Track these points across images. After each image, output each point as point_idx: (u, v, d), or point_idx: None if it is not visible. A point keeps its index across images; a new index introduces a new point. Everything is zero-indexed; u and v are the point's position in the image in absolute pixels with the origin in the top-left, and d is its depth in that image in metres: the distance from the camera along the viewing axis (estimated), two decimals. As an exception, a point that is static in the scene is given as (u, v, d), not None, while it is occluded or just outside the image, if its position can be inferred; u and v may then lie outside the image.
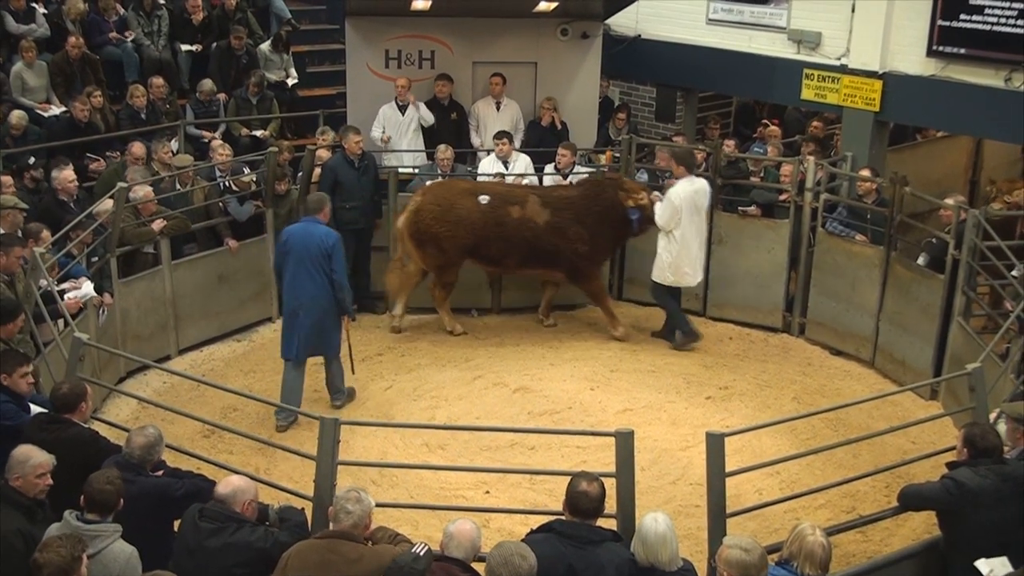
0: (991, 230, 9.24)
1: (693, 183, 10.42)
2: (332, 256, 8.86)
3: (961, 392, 8.10)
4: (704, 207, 10.56)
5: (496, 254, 10.73)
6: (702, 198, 10.48)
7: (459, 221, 10.53)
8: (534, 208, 10.59)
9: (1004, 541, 5.68)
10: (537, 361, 10.44)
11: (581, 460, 8.35)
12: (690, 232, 10.41)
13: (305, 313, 8.92)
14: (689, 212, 10.35)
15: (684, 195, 10.32)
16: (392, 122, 11.88)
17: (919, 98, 11.09)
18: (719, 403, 9.70)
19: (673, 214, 10.35)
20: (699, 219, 10.50)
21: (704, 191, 10.51)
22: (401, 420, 9.11)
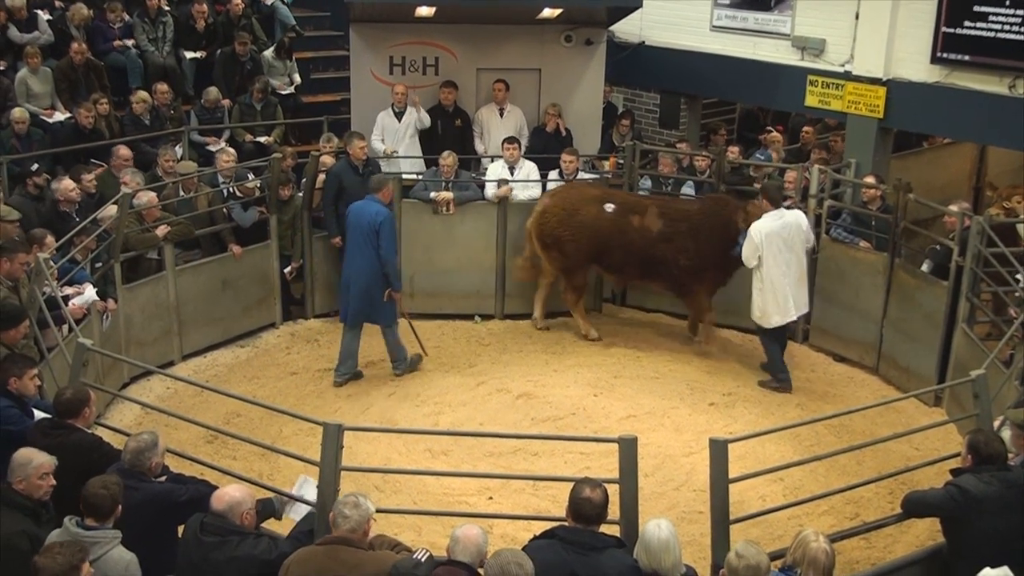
0: (995, 237, 9.23)
1: (781, 217, 9.80)
2: (380, 232, 9.60)
3: (965, 399, 8.09)
4: (797, 242, 9.84)
5: (617, 262, 10.82)
6: (793, 233, 9.80)
7: (582, 226, 10.67)
8: (651, 218, 10.59)
9: (1008, 548, 5.65)
10: (540, 367, 10.44)
11: (584, 466, 8.34)
12: (776, 271, 9.78)
13: (354, 283, 9.79)
14: (776, 249, 9.74)
15: (766, 231, 9.72)
16: (389, 129, 11.88)
17: (923, 105, 11.08)
18: (722, 409, 9.69)
19: (753, 251, 9.79)
20: (789, 255, 9.81)
21: (795, 225, 9.83)
22: (404, 426, 9.08)
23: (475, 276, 11.42)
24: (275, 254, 11.05)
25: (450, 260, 11.40)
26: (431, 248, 11.38)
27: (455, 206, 11.28)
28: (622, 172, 11.78)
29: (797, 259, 9.89)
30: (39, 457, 5.54)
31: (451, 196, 11.25)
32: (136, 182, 10.16)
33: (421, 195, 11.33)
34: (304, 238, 11.15)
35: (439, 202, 11.25)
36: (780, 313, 9.90)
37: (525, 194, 11.45)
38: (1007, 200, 10.83)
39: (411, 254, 11.31)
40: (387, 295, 9.81)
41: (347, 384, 10.00)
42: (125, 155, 10.76)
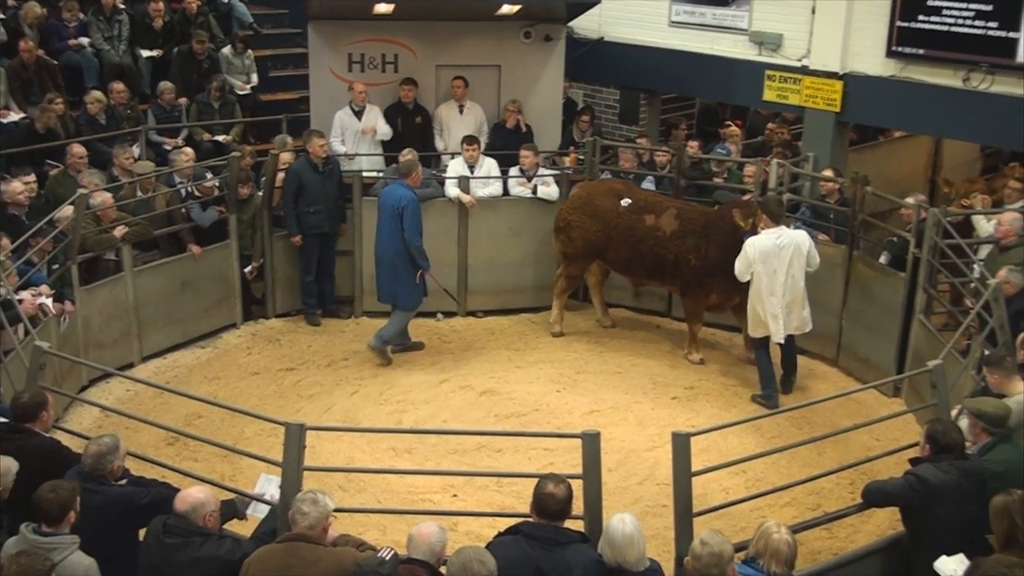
0: (951, 229, 9.35)
1: (780, 236, 9.46)
2: (403, 216, 9.96)
3: (923, 389, 8.17)
4: (796, 264, 9.47)
5: (623, 259, 10.73)
6: (792, 254, 9.44)
7: (593, 215, 10.67)
8: (668, 219, 10.44)
9: (966, 537, 5.73)
10: (503, 364, 10.45)
11: (548, 462, 8.36)
12: (766, 290, 9.47)
13: (380, 263, 10.30)
14: (770, 268, 9.42)
15: (760, 248, 9.44)
16: (350, 128, 11.82)
17: (879, 98, 11.19)
18: (685, 403, 9.75)
19: (745, 266, 9.53)
20: (785, 278, 9.44)
21: (794, 246, 9.45)
22: (367, 424, 9.09)
23: (437, 273, 11.33)
24: (235, 254, 10.97)
25: (412, 258, 11.36)
26: (392, 246, 11.32)
27: (416, 203, 11.24)
28: (583, 168, 11.81)
29: (793, 282, 9.48)
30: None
31: (412, 193, 11.21)
32: (95, 183, 10.05)
33: (382, 193, 11.29)
34: (264, 237, 11.08)
35: (400, 200, 11.20)
36: (766, 328, 9.63)
37: (485, 191, 11.44)
38: (965, 198, 10.97)
39: (371, 252, 11.19)
40: (419, 276, 10.16)
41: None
42: (79, 153, 10.61)
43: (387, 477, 8.18)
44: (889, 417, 8.19)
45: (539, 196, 11.51)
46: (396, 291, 10.28)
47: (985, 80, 10.32)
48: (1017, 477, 6.02)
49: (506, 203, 11.50)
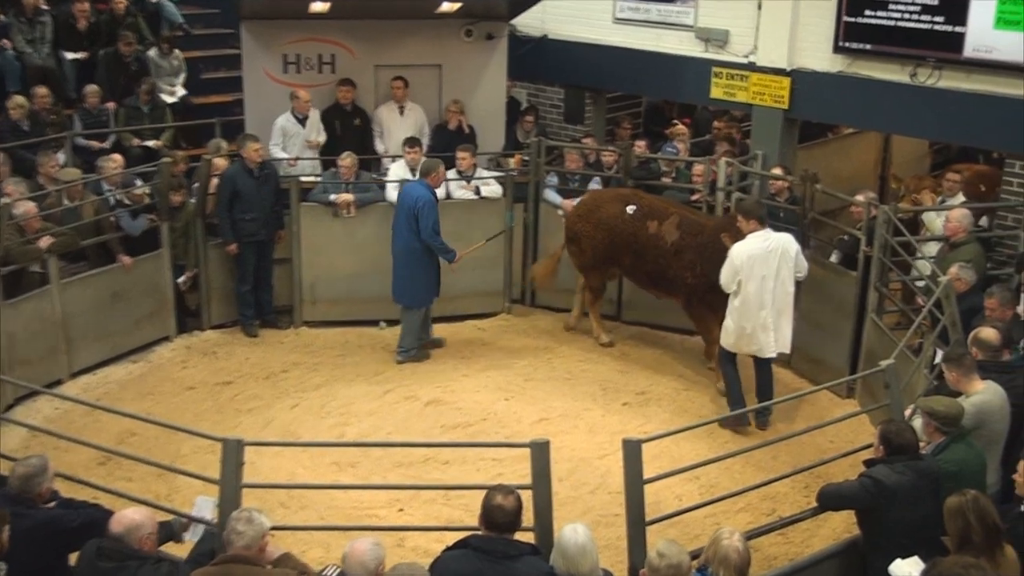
0: (901, 226, 9.50)
1: (767, 239, 9.13)
2: (419, 217, 10.21)
3: (877, 389, 8.30)
4: (784, 269, 9.14)
5: (628, 266, 10.69)
6: (780, 259, 9.11)
7: (599, 224, 10.65)
8: (669, 227, 10.27)
9: (921, 537, 5.82)
10: (449, 372, 10.44)
11: (497, 473, 8.36)
12: (753, 298, 9.11)
13: (395, 261, 10.55)
14: (758, 276, 9.09)
15: (748, 253, 9.10)
16: (293, 135, 11.76)
17: (827, 95, 11.34)
18: (636, 409, 9.80)
19: (732, 275, 9.16)
20: (774, 284, 9.12)
21: (782, 250, 9.12)
22: (309, 439, 9.03)
23: (379, 280, 11.32)
24: (167, 263, 10.85)
25: (352, 264, 11.33)
26: (332, 252, 11.29)
27: (356, 208, 11.21)
28: (528, 169, 11.83)
29: (783, 289, 9.17)
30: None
31: (352, 198, 11.18)
32: (18, 191, 9.89)
33: (320, 198, 11.24)
34: (198, 246, 10.97)
35: (339, 205, 11.17)
36: (751, 342, 9.26)
37: (428, 194, 11.42)
38: (916, 193, 11.16)
39: (311, 259, 11.23)
40: (455, 265, 10.57)
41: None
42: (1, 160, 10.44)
43: (330, 493, 8.13)
44: (843, 419, 8.29)
45: (484, 196, 11.54)
46: (405, 290, 10.54)
47: (933, 75, 10.50)
48: (972, 477, 6.14)
49: (449, 206, 11.45)
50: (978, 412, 6.63)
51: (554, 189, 11.77)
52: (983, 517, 5.31)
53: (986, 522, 5.31)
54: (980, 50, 10.15)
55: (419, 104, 12.30)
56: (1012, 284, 9.08)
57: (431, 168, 10.46)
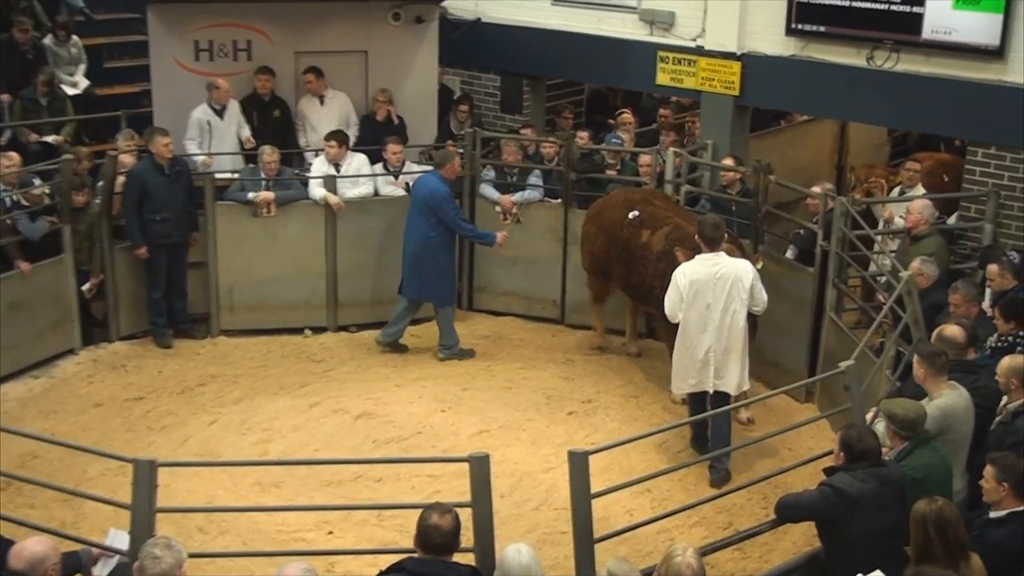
0: (860, 218, 9.63)
1: (717, 264, 8.69)
2: (438, 209, 10.50)
3: (837, 392, 8.41)
4: (736, 302, 8.69)
5: (618, 276, 10.42)
6: (730, 288, 8.66)
7: (600, 227, 10.59)
8: (659, 237, 9.90)
9: (884, 548, 5.90)
10: (381, 383, 10.41)
11: (434, 490, 8.35)
12: (693, 329, 8.75)
13: (407, 254, 10.76)
14: (701, 304, 8.69)
15: (692, 277, 8.70)
16: (210, 128, 11.62)
17: (780, 80, 11.47)
18: (583, 418, 9.84)
19: (676, 300, 8.75)
20: (721, 317, 8.69)
21: (733, 279, 8.66)
22: (228, 458, 8.97)
23: (303, 284, 11.29)
24: (71, 270, 10.69)
25: (273, 267, 11.26)
26: (251, 255, 11.21)
27: (277, 207, 11.13)
28: (462, 162, 11.82)
29: (733, 323, 8.71)
30: None
31: (272, 196, 11.10)
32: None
33: (238, 196, 11.14)
34: (104, 250, 10.82)
35: (259, 203, 11.09)
36: (698, 378, 8.87)
37: (355, 192, 11.38)
38: (867, 181, 11.31)
39: (229, 263, 11.14)
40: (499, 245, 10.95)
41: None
42: None
43: (253, 516, 8.06)
44: (801, 424, 8.40)
45: (415, 194, 11.53)
46: (423, 287, 10.73)
47: (890, 58, 10.66)
48: (937, 483, 6.25)
49: (378, 204, 11.45)
50: (943, 416, 6.74)
51: (491, 184, 11.78)
52: (944, 531, 5.39)
53: (946, 537, 5.39)
54: (939, 32, 10.33)
55: (344, 93, 12.24)
56: (976, 279, 9.26)
57: (444, 159, 10.73)
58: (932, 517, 5.41)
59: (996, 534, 5.91)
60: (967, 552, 5.46)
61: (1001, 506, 5.95)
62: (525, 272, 11.75)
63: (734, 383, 8.86)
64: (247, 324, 11.28)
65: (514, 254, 11.72)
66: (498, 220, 11.62)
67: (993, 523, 5.97)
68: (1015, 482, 5.90)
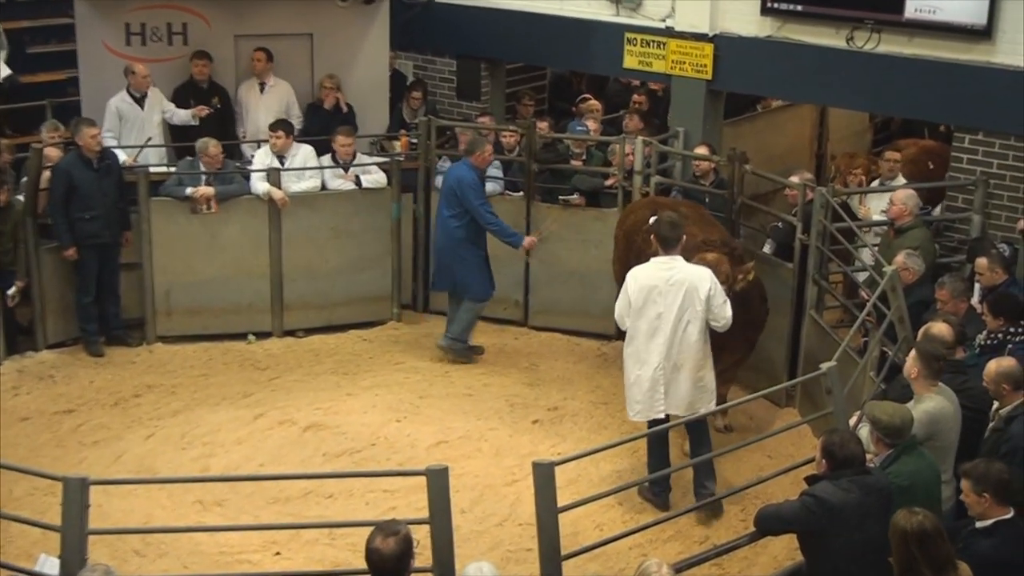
0: (841, 210, 9.70)
1: (671, 268, 8.22)
2: (463, 197, 10.54)
3: (818, 395, 8.47)
4: (690, 312, 8.17)
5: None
6: (684, 297, 8.15)
7: (621, 232, 10.36)
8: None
9: (870, 561, 5.96)
10: (331, 391, 10.40)
11: (389, 507, 8.36)
12: (641, 340, 8.30)
13: (436, 244, 11.01)
14: (651, 312, 8.22)
15: (643, 281, 8.26)
16: (131, 119, 11.57)
17: (755, 63, 11.53)
18: (548, 427, 9.87)
19: (624, 306, 8.35)
20: (673, 328, 8.20)
21: (689, 287, 8.15)
22: (167, 474, 8.93)
23: (246, 286, 11.26)
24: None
25: (214, 268, 11.23)
26: (190, 255, 11.17)
27: (217, 203, 11.09)
28: (416, 153, 11.83)
29: (686, 337, 8.22)
30: None
31: (212, 192, 11.06)
32: None
33: (175, 192, 11.09)
34: (29, 251, 10.73)
35: (198, 199, 11.04)
36: (644, 403, 8.40)
37: (300, 186, 11.36)
38: (848, 173, 11.41)
39: (165, 263, 11.09)
40: (527, 251, 10.94)
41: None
42: None
43: (194, 536, 8.04)
44: (781, 431, 8.46)
45: (366, 186, 11.54)
46: (456, 279, 10.81)
47: (871, 39, 10.75)
48: (925, 492, 6.32)
49: (325, 198, 11.43)
50: (930, 421, 6.80)
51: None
52: (926, 545, 5.42)
53: (929, 551, 5.43)
54: (923, 10, 10.43)
55: (287, 80, 12.22)
56: (965, 273, 9.36)
57: (475, 146, 10.78)
58: (913, 532, 5.45)
59: (983, 545, 6.01)
60: (954, 563, 5.52)
61: (986, 516, 6.05)
62: (483, 271, 11.74)
63: (683, 403, 8.29)
64: (186, 330, 11.23)
65: (473, 251, 11.72)
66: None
67: (980, 533, 6.07)
68: (994, 490, 6.00)
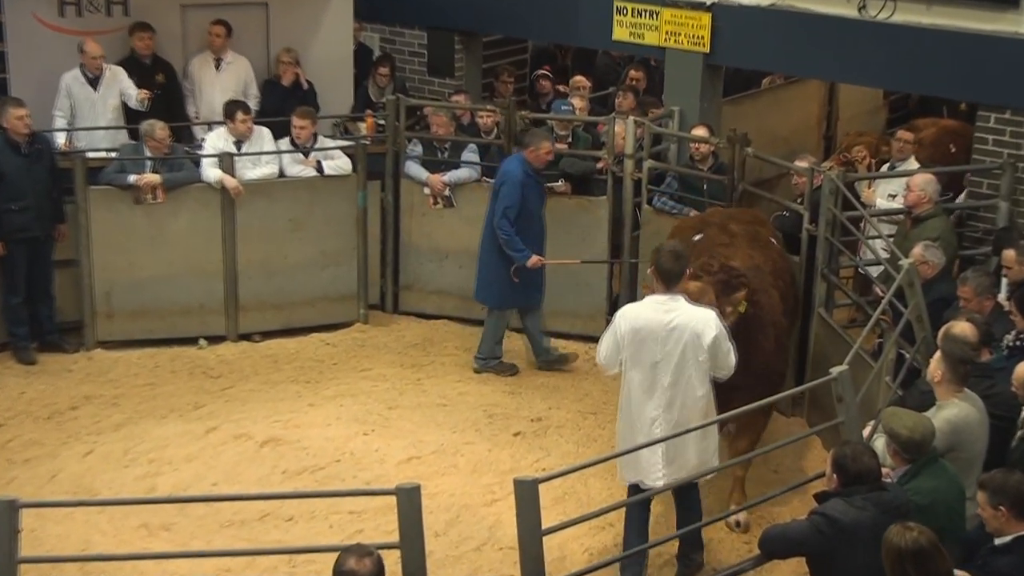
0: (852, 197, 9.70)
1: (670, 309, 7.57)
2: (497, 194, 10.58)
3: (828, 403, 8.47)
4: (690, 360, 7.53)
5: None
6: (685, 344, 7.51)
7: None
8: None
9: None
10: (291, 402, 10.38)
11: (356, 529, 8.37)
12: (636, 394, 7.67)
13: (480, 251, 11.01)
14: (645, 359, 7.60)
15: (633, 322, 7.62)
16: (82, 101, 11.54)
17: (757, 34, 11.56)
18: (532, 440, 9.87)
19: (612, 350, 7.71)
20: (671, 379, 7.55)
21: (689, 334, 7.49)
22: (107, 495, 8.88)
23: (196, 285, 11.22)
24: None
25: (160, 265, 11.20)
26: (133, 250, 11.14)
27: (164, 192, 11.05)
28: (384, 136, 11.80)
29: (689, 391, 7.60)
30: None
31: (158, 179, 11.02)
32: None
33: (116, 179, 11.04)
34: (-49, 247, 10.72)
35: (143, 188, 11.00)
36: (637, 468, 7.72)
37: (257, 171, 11.34)
38: (847, 151, 11.43)
39: (106, 260, 11.04)
40: (513, 272, 10.59)
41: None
42: None
43: (138, 565, 7.98)
44: (788, 442, 8.45)
45: (328, 173, 11.53)
46: (483, 286, 10.92)
47: (886, 7, 10.77)
48: (947, 510, 6.33)
49: (284, 187, 11.41)
50: (953, 431, 6.81)
51: (417, 161, 11.77)
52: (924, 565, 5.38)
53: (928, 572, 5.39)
54: (943, -24, 10.47)
55: (242, 55, 12.22)
56: (990, 267, 9.36)
57: (530, 139, 10.71)
58: (908, 550, 5.40)
59: (1002, 563, 6.03)
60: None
61: (1004, 532, 6.06)
62: (460, 267, 11.73)
63: (689, 468, 7.65)
64: (129, 334, 11.20)
65: (446, 245, 11.74)
66: (427, 204, 11.62)
67: (998, 551, 6.09)
68: (1012, 503, 6.00)
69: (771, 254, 9.44)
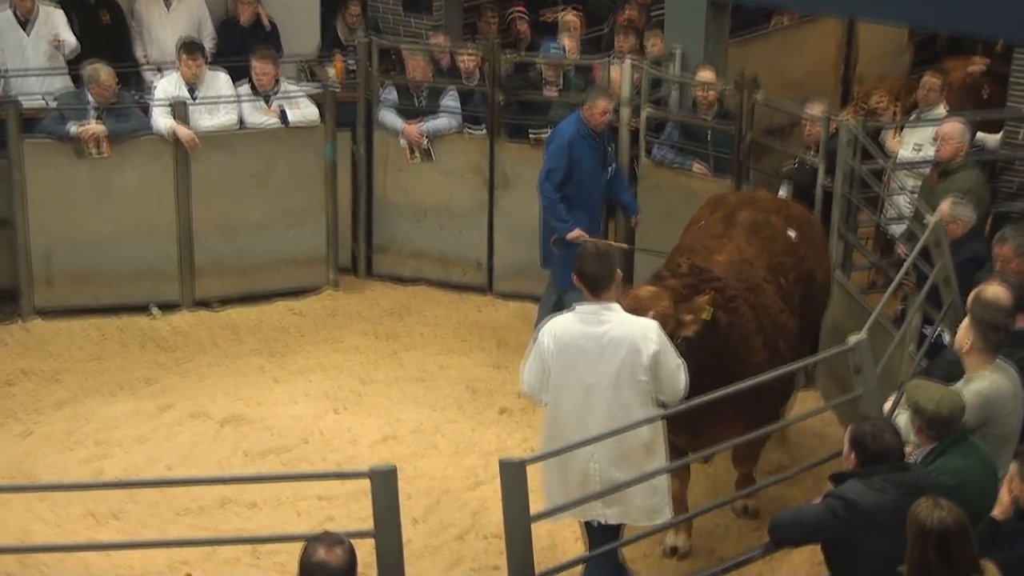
0: (872, 148, 9.68)
1: (603, 323, 6.99)
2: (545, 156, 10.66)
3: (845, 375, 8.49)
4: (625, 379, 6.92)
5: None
6: (620, 361, 6.92)
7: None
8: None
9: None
10: (254, 377, 10.43)
11: (326, 516, 8.40)
12: (570, 421, 7.04)
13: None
14: (574, 379, 7.00)
15: (562, 335, 7.03)
16: (11, 41, 11.51)
17: (768, -34, 11.54)
18: (518, 418, 9.89)
19: (537, 372, 7.15)
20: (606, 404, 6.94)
21: (626, 351, 6.91)
22: (49, 480, 8.91)
23: (147, 247, 11.22)
24: None
25: (106, 225, 11.22)
26: (75, 209, 11.15)
27: (110, 144, 11.02)
28: (354, 81, 11.76)
29: (624, 414, 6.96)
30: None
31: (103, 130, 10.99)
32: None
33: (56, 130, 11.02)
34: None
35: (86, 139, 10.97)
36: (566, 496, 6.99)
37: (214, 120, 11.32)
38: (866, 100, 11.40)
39: (44, 220, 11.05)
40: (552, 243, 10.46)
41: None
42: None
43: (84, 556, 7.97)
44: (800, 419, 8.47)
45: (293, 122, 11.51)
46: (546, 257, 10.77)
47: (910, -67, 10.76)
48: (977, 492, 6.30)
49: (244, 138, 11.40)
50: (984, 404, 6.78)
51: (392, 109, 11.73)
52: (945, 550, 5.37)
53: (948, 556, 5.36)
54: None
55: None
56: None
57: (587, 96, 10.58)
58: (933, 530, 5.34)
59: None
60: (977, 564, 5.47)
61: None
62: (440, 226, 11.77)
63: (636, 512, 7.16)
64: (72, 302, 11.20)
65: (425, 202, 11.73)
66: (403, 156, 11.59)
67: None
68: None
69: (773, 246, 8.78)
